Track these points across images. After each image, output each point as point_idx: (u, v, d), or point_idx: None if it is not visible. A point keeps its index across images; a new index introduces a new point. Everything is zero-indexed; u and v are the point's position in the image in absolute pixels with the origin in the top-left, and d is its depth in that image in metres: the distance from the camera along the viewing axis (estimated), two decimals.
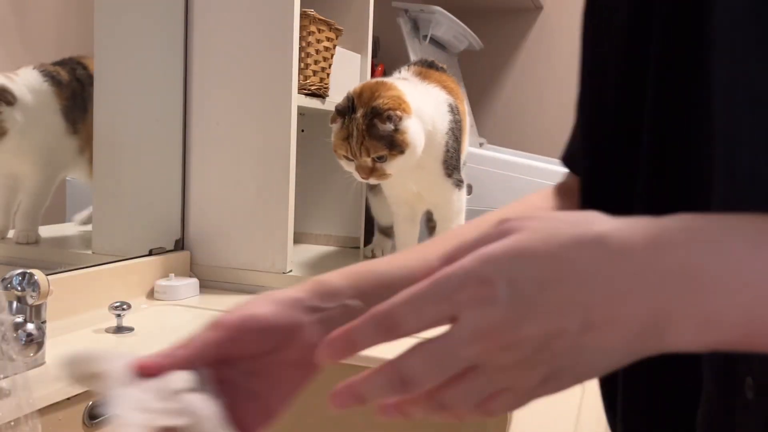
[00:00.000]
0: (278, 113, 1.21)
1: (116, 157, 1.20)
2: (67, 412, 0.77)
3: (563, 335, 0.31)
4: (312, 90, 1.29)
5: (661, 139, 0.41)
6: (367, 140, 1.05)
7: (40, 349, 0.79)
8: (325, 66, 1.34)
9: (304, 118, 1.48)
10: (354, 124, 1.06)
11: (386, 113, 1.05)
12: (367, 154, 1.06)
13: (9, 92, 1.03)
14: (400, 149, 1.06)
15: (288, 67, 1.20)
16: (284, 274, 1.23)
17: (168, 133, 1.26)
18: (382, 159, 1.07)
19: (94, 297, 1.04)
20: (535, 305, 0.31)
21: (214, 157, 1.27)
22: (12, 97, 1.03)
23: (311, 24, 1.26)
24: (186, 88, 1.27)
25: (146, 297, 1.15)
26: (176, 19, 1.24)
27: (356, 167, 1.08)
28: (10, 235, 1.09)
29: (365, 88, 1.11)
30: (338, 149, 1.10)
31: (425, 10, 2.01)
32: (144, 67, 1.22)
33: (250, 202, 1.25)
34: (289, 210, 1.23)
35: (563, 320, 0.31)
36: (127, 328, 0.96)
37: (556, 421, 0.71)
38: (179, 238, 1.28)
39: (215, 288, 1.25)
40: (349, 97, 1.09)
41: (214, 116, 1.26)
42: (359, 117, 1.06)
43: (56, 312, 0.92)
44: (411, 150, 1.07)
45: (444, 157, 1.15)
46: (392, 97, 1.08)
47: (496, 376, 0.32)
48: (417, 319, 0.34)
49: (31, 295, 0.76)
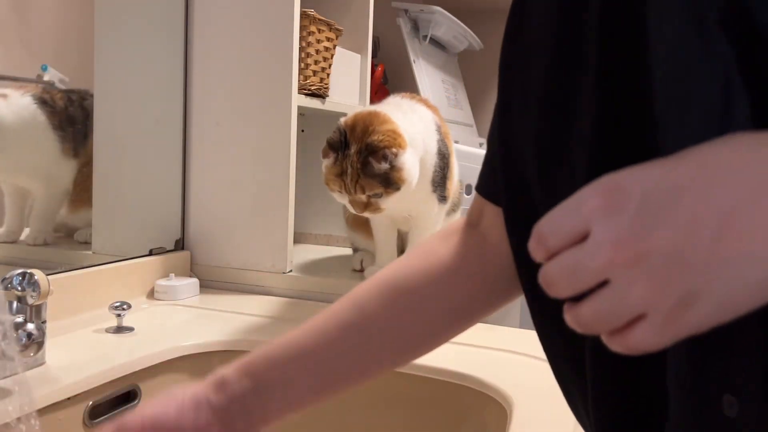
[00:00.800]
0: (278, 113, 1.21)
1: (116, 157, 1.20)
2: (67, 412, 0.77)
3: (696, 244, 0.29)
4: (312, 90, 1.29)
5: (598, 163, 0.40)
6: (362, 179, 1.02)
7: (40, 349, 0.79)
8: (325, 66, 1.34)
9: (304, 118, 1.48)
10: (348, 162, 1.02)
11: (382, 152, 1.01)
12: (362, 192, 1.03)
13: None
14: (396, 186, 1.03)
15: (288, 67, 1.20)
16: (284, 274, 1.23)
17: (168, 134, 1.26)
18: (378, 195, 1.04)
19: (94, 297, 1.04)
20: (665, 212, 0.30)
21: (214, 157, 1.27)
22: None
23: (311, 24, 1.26)
24: (186, 89, 1.27)
25: (146, 297, 1.16)
26: (176, 20, 1.25)
27: (350, 201, 1.06)
28: (23, 237, 1.10)
29: (358, 120, 1.06)
30: (331, 184, 1.06)
31: (425, 10, 2.01)
32: (144, 67, 1.22)
33: (250, 202, 1.25)
34: (289, 210, 1.23)
35: (696, 226, 0.29)
36: (127, 328, 0.96)
37: (555, 422, 0.71)
38: (179, 238, 1.28)
39: (215, 288, 1.26)
40: (341, 131, 1.05)
41: (214, 116, 1.26)
42: (353, 154, 1.02)
43: (56, 312, 0.92)
44: (407, 186, 1.04)
45: (432, 177, 1.13)
46: (387, 132, 1.03)
47: (628, 293, 0.30)
48: (555, 234, 0.32)
49: (31, 295, 0.76)
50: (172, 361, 0.92)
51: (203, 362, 0.95)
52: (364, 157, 1.01)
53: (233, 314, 1.09)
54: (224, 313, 1.09)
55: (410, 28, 2.03)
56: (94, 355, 0.86)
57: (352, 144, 1.03)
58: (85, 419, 0.80)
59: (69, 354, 0.85)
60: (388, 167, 1.02)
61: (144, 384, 0.88)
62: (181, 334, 0.97)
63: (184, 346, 0.93)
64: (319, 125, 1.53)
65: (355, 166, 1.02)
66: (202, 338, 0.96)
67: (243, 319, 1.07)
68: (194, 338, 0.96)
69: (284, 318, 1.09)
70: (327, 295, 1.20)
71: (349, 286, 1.19)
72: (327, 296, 1.20)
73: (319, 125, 1.53)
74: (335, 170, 1.05)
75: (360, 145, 1.02)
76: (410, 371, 0.89)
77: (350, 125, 1.05)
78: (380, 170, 1.01)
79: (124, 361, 0.86)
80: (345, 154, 1.03)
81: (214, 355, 0.96)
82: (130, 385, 0.86)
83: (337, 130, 1.06)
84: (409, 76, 1.99)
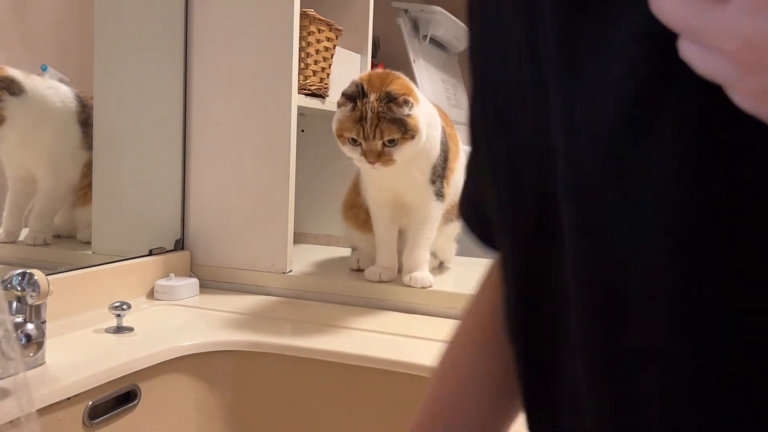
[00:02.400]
0: (278, 113, 1.21)
1: (116, 157, 1.20)
2: (67, 412, 0.77)
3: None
4: (312, 90, 1.29)
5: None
6: (382, 123, 1.07)
7: (40, 349, 0.79)
8: (325, 66, 1.34)
9: (304, 118, 1.48)
10: (368, 107, 1.08)
11: (402, 97, 1.07)
12: (380, 137, 1.08)
13: (16, 83, 1.04)
14: (412, 134, 1.08)
15: (288, 67, 1.20)
16: (284, 274, 1.23)
17: (168, 134, 1.26)
18: (393, 143, 1.08)
19: (94, 297, 1.04)
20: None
21: (214, 157, 1.27)
22: (18, 88, 1.04)
23: (311, 24, 1.26)
24: (186, 89, 1.27)
25: (146, 297, 1.16)
26: (176, 20, 1.25)
27: (364, 151, 1.09)
28: (21, 238, 1.10)
29: (373, 75, 1.13)
30: (346, 132, 1.10)
31: (425, 10, 2.01)
32: (144, 67, 1.22)
33: (250, 201, 1.25)
34: (289, 210, 1.23)
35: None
36: (127, 328, 0.96)
37: None
38: (179, 238, 1.28)
39: (215, 288, 1.26)
40: (357, 84, 1.10)
41: (214, 116, 1.26)
42: (373, 101, 1.08)
43: (56, 312, 0.92)
44: (419, 136, 1.09)
45: (435, 162, 1.17)
46: (403, 84, 1.11)
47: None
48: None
49: (31, 295, 0.76)
50: (171, 361, 0.92)
51: (203, 362, 0.95)
52: (386, 102, 1.07)
53: (233, 314, 1.09)
54: (224, 313, 1.09)
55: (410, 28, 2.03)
56: (93, 355, 0.86)
57: (370, 93, 1.09)
58: (84, 419, 0.80)
59: (69, 354, 0.85)
60: (407, 113, 1.08)
61: (144, 384, 0.88)
62: (181, 334, 0.97)
63: (184, 346, 0.94)
64: (319, 125, 1.53)
65: (375, 110, 1.07)
66: (202, 338, 0.96)
67: (243, 319, 1.07)
68: (194, 338, 0.96)
69: (284, 318, 1.09)
70: (327, 295, 1.20)
71: (349, 286, 1.20)
72: (327, 296, 1.20)
73: (319, 125, 1.53)
74: (354, 116, 1.09)
75: (380, 93, 1.08)
76: (410, 371, 0.89)
77: (366, 79, 1.11)
78: (400, 114, 1.07)
79: (123, 361, 0.86)
80: (364, 101, 1.08)
81: (214, 355, 0.96)
82: (129, 385, 0.86)
83: (352, 83, 1.11)
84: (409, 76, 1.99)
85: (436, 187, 1.18)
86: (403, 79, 1.13)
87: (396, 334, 1.02)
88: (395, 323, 1.09)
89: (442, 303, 1.15)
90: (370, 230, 1.26)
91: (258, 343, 0.97)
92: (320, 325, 1.05)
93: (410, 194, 1.18)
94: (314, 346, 0.95)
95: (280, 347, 0.96)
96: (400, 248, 1.25)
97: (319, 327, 1.04)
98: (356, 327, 1.05)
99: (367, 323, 1.07)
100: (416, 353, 0.94)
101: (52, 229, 1.14)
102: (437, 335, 1.00)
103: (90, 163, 1.15)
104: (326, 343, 0.96)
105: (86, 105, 1.15)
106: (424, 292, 1.17)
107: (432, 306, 1.15)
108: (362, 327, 1.05)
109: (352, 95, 1.09)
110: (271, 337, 0.98)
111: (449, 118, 1.31)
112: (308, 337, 0.99)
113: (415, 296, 1.16)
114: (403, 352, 0.94)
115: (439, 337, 0.90)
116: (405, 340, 1.00)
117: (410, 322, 1.10)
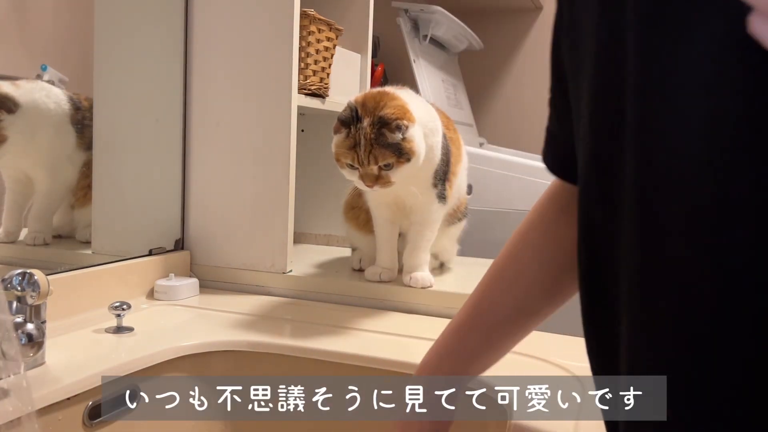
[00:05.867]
0: (278, 113, 1.21)
1: (116, 157, 1.21)
2: (67, 412, 0.77)
3: None
4: (312, 90, 1.29)
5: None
6: (375, 149, 1.06)
7: (40, 349, 0.79)
8: (325, 66, 1.34)
9: (304, 118, 1.48)
10: (361, 134, 1.07)
11: (395, 123, 1.06)
12: (375, 162, 1.07)
13: (10, 99, 1.03)
14: (407, 157, 1.07)
15: (288, 67, 1.20)
16: (284, 274, 1.23)
17: (168, 134, 1.26)
18: (389, 167, 1.07)
19: (94, 297, 1.04)
20: None
21: (214, 157, 1.27)
22: (14, 104, 1.03)
23: (311, 24, 1.26)
24: (186, 88, 1.27)
25: (146, 297, 1.16)
26: (176, 19, 1.25)
27: (361, 175, 1.08)
28: (21, 238, 1.10)
29: (368, 97, 1.11)
30: (342, 158, 1.09)
31: (425, 10, 2.01)
32: (144, 66, 1.22)
33: (250, 201, 1.25)
34: (289, 210, 1.23)
35: None
36: (127, 328, 0.96)
37: (556, 423, 0.71)
38: (179, 238, 1.28)
39: (215, 288, 1.26)
40: (352, 107, 1.09)
41: (214, 116, 1.26)
42: (366, 126, 1.06)
43: (56, 312, 0.92)
44: (416, 158, 1.08)
45: (436, 167, 1.16)
46: (397, 106, 1.08)
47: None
48: None
49: (31, 295, 0.76)
50: (172, 361, 0.92)
51: (203, 362, 0.95)
52: (378, 128, 1.06)
53: (233, 314, 1.09)
54: (224, 313, 1.09)
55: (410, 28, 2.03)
56: (93, 355, 0.86)
57: (364, 118, 1.07)
58: (84, 419, 0.80)
59: (69, 354, 0.85)
60: (401, 137, 1.06)
61: (144, 384, 0.88)
62: (181, 334, 0.97)
63: (184, 346, 0.93)
64: (319, 125, 1.53)
65: (368, 137, 1.06)
66: (202, 338, 0.96)
67: (243, 319, 1.07)
68: (194, 338, 0.96)
69: (284, 318, 1.09)
70: (327, 295, 1.20)
71: (349, 286, 1.20)
72: (327, 296, 1.20)
73: (319, 125, 1.53)
74: (348, 143, 1.08)
75: (373, 118, 1.07)
76: (410, 371, 0.89)
77: (360, 102, 1.10)
78: (393, 140, 1.06)
79: (124, 361, 0.86)
80: (357, 127, 1.07)
81: (214, 355, 0.96)
82: (130, 385, 0.86)
83: (347, 107, 1.10)
84: (409, 75, 1.99)
85: (438, 190, 1.18)
86: (397, 100, 1.10)
87: (396, 334, 1.02)
88: (395, 323, 1.09)
89: (442, 303, 1.15)
90: (370, 231, 1.26)
91: (258, 343, 0.97)
92: (320, 325, 1.05)
93: (412, 198, 1.18)
94: (314, 346, 0.95)
95: (280, 347, 0.96)
96: (401, 249, 1.25)
97: (319, 327, 1.04)
98: (356, 327, 1.05)
99: (367, 323, 1.07)
100: (416, 353, 0.94)
101: (52, 229, 1.14)
102: (437, 335, 1.00)
103: (89, 164, 1.15)
104: (326, 343, 0.96)
105: (80, 106, 1.14)
106: (425, 292, 1.17)
107: (432, 306, 1.15)
108: (362, 327, 1.05)
109: (346, 120, 1.08)
110: (271, 337, 0.98)
111: (451, 120, 1.31)
112: (308, 337, 0.99)
113: (416, 296, 1.16)
114: (403, 352, 0.94)
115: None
116: (405, 340, 1.00)
117: (410, 322, 1.10)
